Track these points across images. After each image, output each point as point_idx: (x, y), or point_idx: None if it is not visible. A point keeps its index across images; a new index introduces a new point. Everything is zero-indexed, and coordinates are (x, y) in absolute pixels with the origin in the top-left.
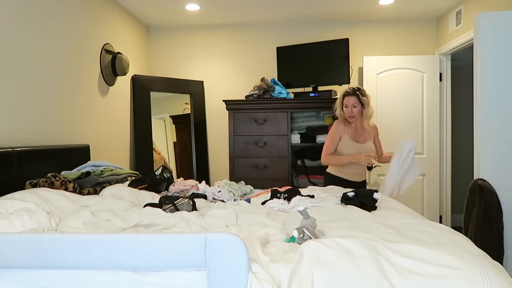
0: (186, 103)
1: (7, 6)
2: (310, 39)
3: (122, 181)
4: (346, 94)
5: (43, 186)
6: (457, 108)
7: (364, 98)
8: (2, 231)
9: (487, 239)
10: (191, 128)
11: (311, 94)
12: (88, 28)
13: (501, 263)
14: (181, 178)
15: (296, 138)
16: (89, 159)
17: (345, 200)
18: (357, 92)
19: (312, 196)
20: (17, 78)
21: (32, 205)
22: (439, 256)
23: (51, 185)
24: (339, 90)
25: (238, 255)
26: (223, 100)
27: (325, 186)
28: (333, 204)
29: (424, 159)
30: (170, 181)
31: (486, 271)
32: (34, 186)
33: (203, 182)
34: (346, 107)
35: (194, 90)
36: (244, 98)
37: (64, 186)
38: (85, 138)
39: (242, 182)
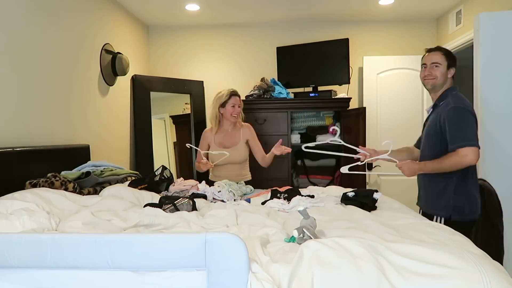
0: (186, 103)
1: (7, 7)
2: (310, 39)
3: (122, 181)
4: (233, 94)
5: (43, 186)
6: None
7: (241, 99)
8: (2, 231)
9: (487, 239)
10: (191, 128)
11: (311, 94)
12: (88, 28)
13: (501, 263)
14: (181, 178)
15: (296, 138)
16: (89, 159)
17: (345, 200)
18: (238, 94)
19: (312, 196)
20: (17, 78)
21: (32, 205)
22: (439, 256)
23: (51, 185)
24: (339, 90)
25: (238, 255)
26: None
27: None
28: (333, 204)
29: None
30: (170, 181)
31: (486, 271)
32: (34, 186)
33: (203, 182)
34: (233, 106)
35: (194, 90)
36: (244, 98)
37: (64, 186)
38: (85, 138)
39: (242, 182)
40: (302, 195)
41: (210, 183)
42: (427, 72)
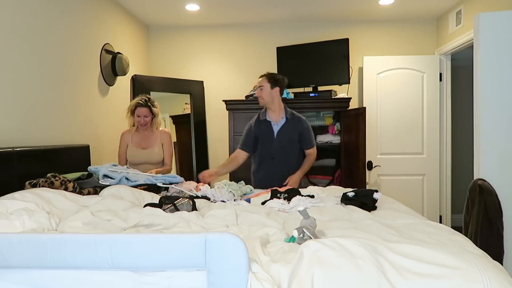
0: (186, 103)
1: (7, 7)
2: (310, 39)
3: None
4: (137, 106)
5: (43, 186)
6: (457, 108)
7: (154, 109)
8: (2, 231)
9: (487, 239)
10: (191, 128)
11: (311, 94)
12: (88, 28)
13: (501, 263)
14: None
15: None
16: (89, 159)
17: (345, 200)
18: (149, 104)
19: (312, 196)
20: (17, 78)
21: (32, 205)
22: (439, 256)
23: (51, 185)
24: (339, 90)
25: (238, 255)
26: (223, 100)
27: None
28: (333, 204)
29: (424, 159)
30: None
31: (486, 271)
32: (34, 186)
33: (206, 185)
34: (138, 116)
35: (194, 90)
36: (244, 98)
37: (64, 186)
38: (85, 138)
39: (242, 182)
40: (302, 195)
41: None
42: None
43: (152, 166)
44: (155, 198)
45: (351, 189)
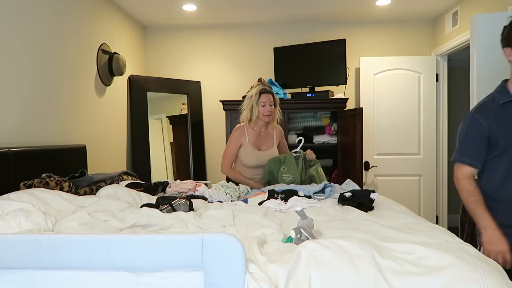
0: (183, 104)
1: (3, 7)
2: (307, 39)
3: (117, 180)
4: (263, 92)
5: (37, 187)
6: (454, 109)
7: (276, 97)
8: None
9: None
10: (188, 129)
11: (308, 95)
12: (84, 28)
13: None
14: (178, 180)
15: (293, 139)
16: (86, 160)
17: (342, 200)
18: (272, 90)
19: (309, 197)
20: (13, 78)
21: (28, 205)
22: (436, 255)
23: (46, 186)
24: (336, 90)
25: (235, 256)
26: (220, 101)
27: None
28: (330, 204)
29: (421, 160)
30: (166, 184)
31: (482, 270)
32: (29, 187)
33: (203, 185)
34: (263, 106)
35: (191, 90)
36: (241, 99)
37: (59, 186)
38: (81, 138)
39: (240, 185)
40: (299, 196)
41: None
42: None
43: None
44: (152, 198)
45: (348, 190)
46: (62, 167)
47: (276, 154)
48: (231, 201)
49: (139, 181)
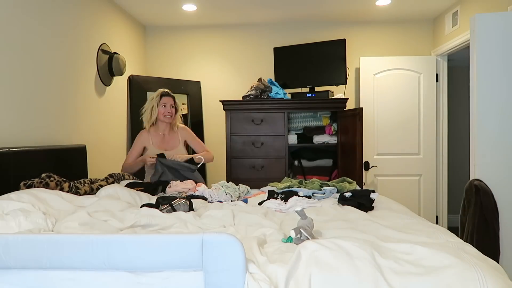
0: (183, 104)
1: (3, 7)
2: (307, 39)
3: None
4: (164, 94)
5: (37, 187)
6: (454, 109)
7: (177, 103)
8: None
9: (483, 239)
10: None
11: (308, 95)
12: (84, 28)
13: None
14: (178, 181)
15: (293, 139)
16: (86, 160)
17: (342, 200)
18: (172, 94)
19: (309, 197)
20: (13, 78)
21: (28, 205)
22: (436, 256)
23: (46, 186)
24: (336, 90)
25: (235, 256)
26: (220, 101)
27: None
28: (330, 204)
29: (421, 160)
30: (166, 184)
31: (482, 269)
32: (29, 187)
33: (203, 185)
34: (164, 106)
35: (191, 90)
36: (241, 99)
37: (59, 186)
38: (81, 138)
39: (240, 185)
40: (299, 196)
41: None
42: None
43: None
44: (152, 198)
45: (348, 190)
46: (62, 167)
47: (182, 152)
48: (231, 201)
49: (139, 181)
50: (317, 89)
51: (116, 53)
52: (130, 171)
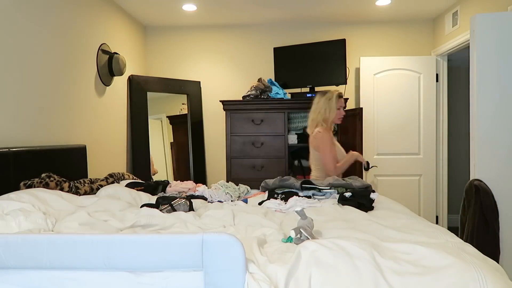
0: (183, 104)
1: (3, 7)
2: (307, 39)
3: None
4: (340, 96)
5: (37, 187)
6: (454, 109)
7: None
8: None
9: (483, 239)
10: (188, 129)
11: (308, 95)
12: (84, 28)
13: (497, 263)
14: (178, 181)
15: (293, 139)
16: (86, 160)
17: (342, 200)
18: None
19: (309, 197)
20: (13, 78)
21: (28, 205)
22: (436, 255)
23: (46, 186)
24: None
25: (235, 256)
26: (220, 101)
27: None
28: (330, 204)
29: (421, 160)
30: (166, 183)
31: (482, 269)
32: (29, 187)
33: (203, 185)
34: (339, 109)
35: (191, 90)
36: (241, 99)
37: (59, 186)
38: (81, 138)
39: (240, 185)
40: (299, 196)
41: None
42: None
43: None
44: (152, 198)
45: (348, 190)
46: (62, 167)
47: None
48: (231, 201)
49: (139, 181)
50: (317, 89)
51: (116, 53)
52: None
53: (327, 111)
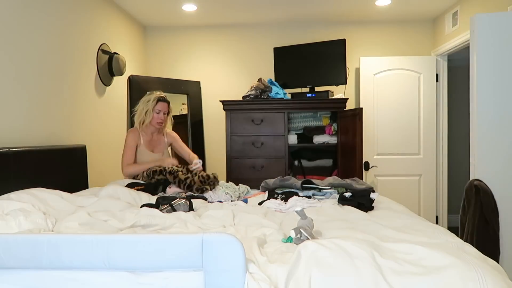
0: (183, 104)
1: (3, 7)
2: (307, 39)
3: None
4: (160, 100)
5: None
6: (454, 109)
7: (171, 107)
8: None
9: (483, 239)
10: (188, 129)
11: (308, 95)
12: (84, 28)
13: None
14: None
15: (293, 139)
16: (86, 160)
17: (342, 200)
18: (168, 100)
19: (309, 197)
20: (13, 78)
21: (28, 205)
22: (436, 255)
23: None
24: (336, 90)
25: (235, 256)
26: (220, 101)
27: None
28: (330, 204)
29: (421, 160)
30: (166, 183)
31: (482, 270)
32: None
33: None
34: (158, 113)
35: (191, 90)
36: (241, 99)
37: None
38: (81, 138)
39: (240, 185)
40: (299, 196)
41: None
42: None
43: None
44: (152, 198)
45: (348, 189)
46: (62, 167)
47: (167, 156)
48: (231, 201)
49: (140, 181)
50: (317, 89)
51: (116, 53)
52: (136, 174)
53: (142, 113)
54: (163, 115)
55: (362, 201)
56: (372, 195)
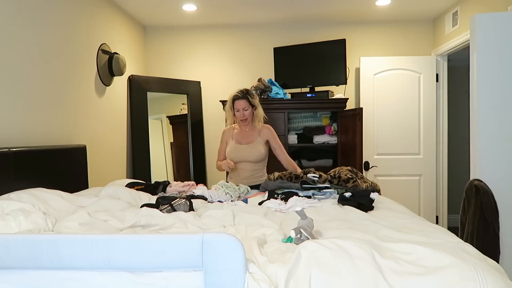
0: (183, 104)
1: (3, 7)
2: (307, 39)
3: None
4: (235, 98)
5: None
6: (454, 109)
7: (253, 100)
8: None
9: (483, 239)
10: (188, 129)
11: (308, 95)
12: (84, 28)
13: (497, 263)
14: (179, 182)
15: (293, 139)
16: (86, 160)
17: (342, 200)
18: (247, 95)
19: (309, 197)
20: (13, 78)
21: (28, 205)
22: (436, 255)
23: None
24: (336, 90)
25: (235, 256)
26: (220, 101)
27: None
28: (330, 204)
29: (421, 160)
30: (166, 183)
31: (482, 269)
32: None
33: (202, 186)
34: (238, 111)
35: (191, 90)
36: None
37: None
38: (81, 138)
39: (240, 185)
40: (299, 196)
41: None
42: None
43: (251, 165)
44: (152, 198)
45: (348, 189)
46: (62, 167)
47: (257, 148)
48: (231, 201)
49: (140, 181)
50: (317, 89)
51: (116, 53)
52: (220, 170)
53: (227, 115)
54: (243, 111)
55: (362, 201)
56: (372, 195)
